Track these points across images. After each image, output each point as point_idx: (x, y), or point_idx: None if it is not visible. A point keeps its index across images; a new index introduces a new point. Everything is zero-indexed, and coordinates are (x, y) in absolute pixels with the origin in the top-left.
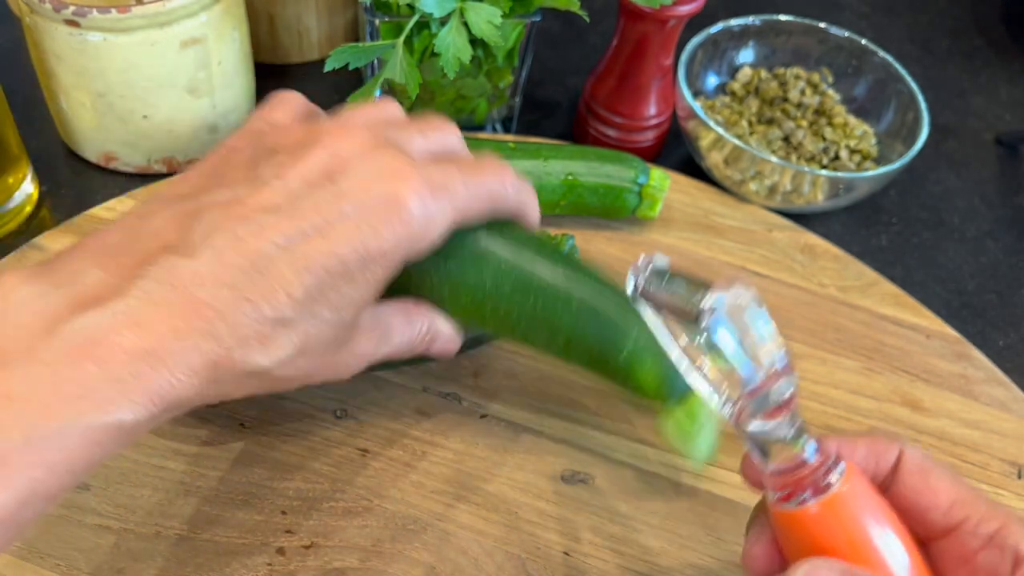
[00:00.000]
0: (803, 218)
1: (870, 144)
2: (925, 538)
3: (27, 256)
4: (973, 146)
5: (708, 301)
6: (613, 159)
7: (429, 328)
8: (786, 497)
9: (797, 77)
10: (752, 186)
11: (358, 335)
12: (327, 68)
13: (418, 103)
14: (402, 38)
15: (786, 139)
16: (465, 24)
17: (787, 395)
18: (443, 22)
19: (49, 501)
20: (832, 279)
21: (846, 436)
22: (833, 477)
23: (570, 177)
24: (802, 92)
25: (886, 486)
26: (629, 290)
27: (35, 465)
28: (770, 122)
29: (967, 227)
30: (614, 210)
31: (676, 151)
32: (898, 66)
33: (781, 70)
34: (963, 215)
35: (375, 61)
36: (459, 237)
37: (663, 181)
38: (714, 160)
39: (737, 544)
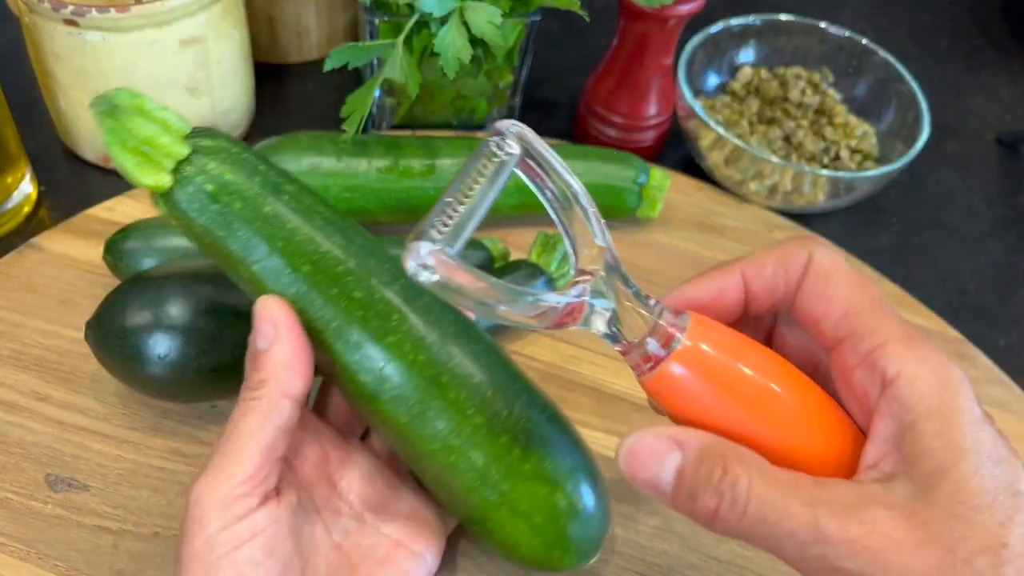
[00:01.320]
0: (804, 218)
1: (871, 144)
2: (825, 351)
3: (26, 256)
4: (974, 146)
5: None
6: (613, 159)
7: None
8: (637, 367)
9: (798, 77)
10: (752, 186)
11: None
12: (326, 68)
13: (418, 103)
14: (402, 38)
15: (787, 139)
16: (465, 24)
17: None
18: (443, 22)
19: None
20: None
21: (754, 256)
22: (676, 337)
23: None
24: (803, 92)
25: (791, 299)
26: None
27: None
28: (771, 122)
29: (967, 227)
30: (614, 210)
31: (676, 151)
32: (899, 66)
33: (781, 70)
34: (963, 215)
35: (375, 61)
36: None
37: (663, 181)
38: (714, 160)
39: (737, 544)
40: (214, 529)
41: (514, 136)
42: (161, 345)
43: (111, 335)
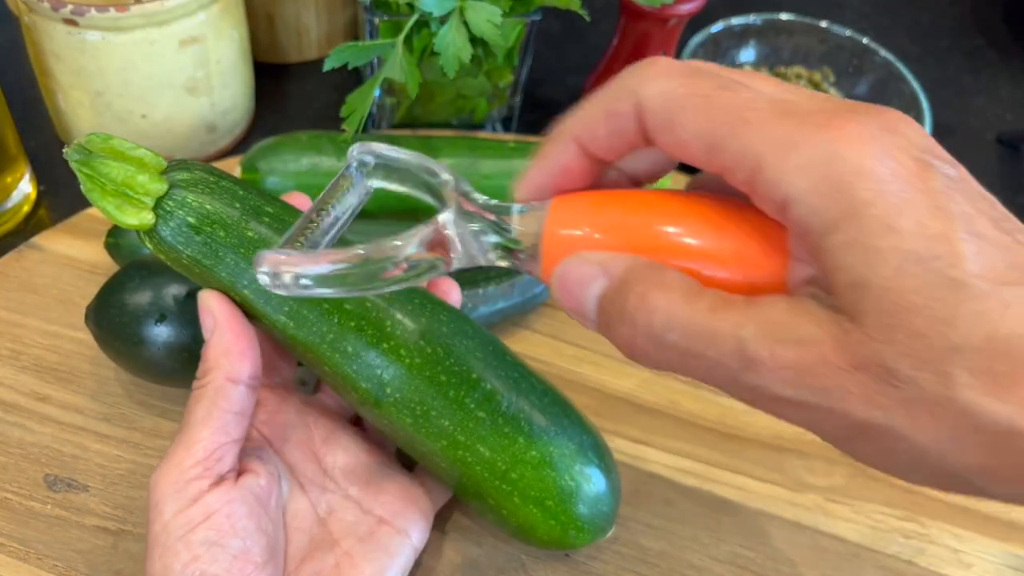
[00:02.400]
0: None
1: None
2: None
3: (25, 256)
4: (974, 145)
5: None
6: None
7: None
8: (534, 272)
9: (798, 76)
10: None
11: None
12: (326, 67)
13: (418, 102)
14: (402, 37)
15: None
16: (465, 23)
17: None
18: (443, 21)
19: None
20: None
21: (581, 115)
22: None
23: None
24: None
25: (649, 143)
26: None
27: None
28: None
29: None
30: None
31: None
32: (899, 65)
33: (782, 69)
34: None
35: (375, 60)
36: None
37: (663, 181)
38: None
39: (738, 544)
40: (170, 514)
41: (361, 154)
42: (161, 328)
43: (111, 318)
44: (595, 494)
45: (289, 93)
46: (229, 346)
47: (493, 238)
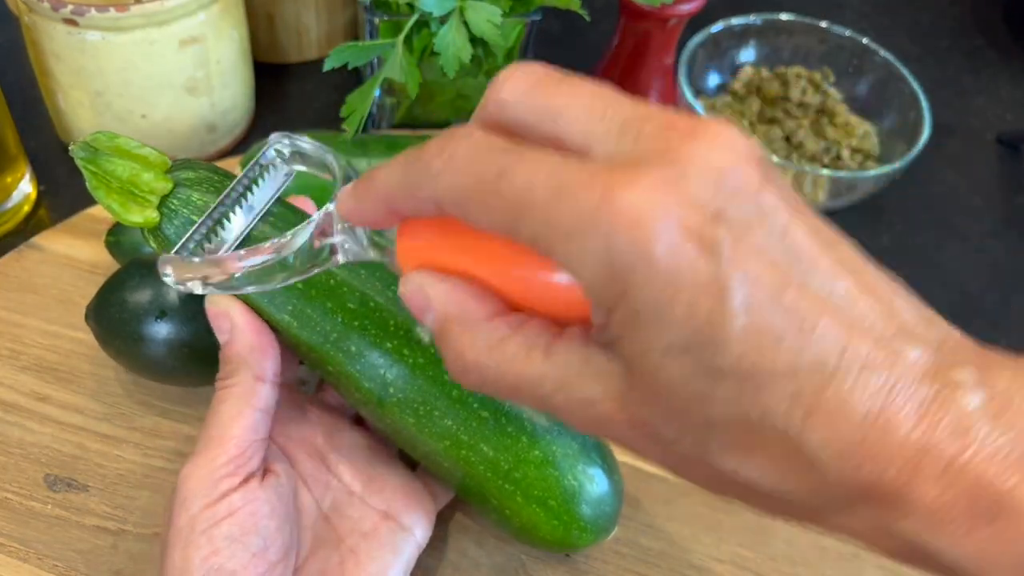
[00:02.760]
0: None
1: (871, 143)
2: None
3: (25, 256)
4: (974, 146)
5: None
6: None
7: None
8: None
9: (798, 76)
10: None
11: None
12: (326, 67)
13: (418, 102)
14: (402, 37)
15: (787, 138)
16: (465, 23)
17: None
18: (443, 21)
19: None
20: None
21: (379, 186)
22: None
23: None
24: (803, 91)
25: None
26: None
27: None
28: (771, 121)
29: (969, 227)
30: None
31: None
32: (899, 65)
33: (782, 69)
34: (965, 215)
35: (375, 60)
36: None
37: None
38: None
39: (738, 544)
40: (197, 508)
41: (281, 144)
42: (161, 324)
43: (112, 316)
44: (598, 494)
45: (289, 93)
46: (253, 345)
47: (368, 233)
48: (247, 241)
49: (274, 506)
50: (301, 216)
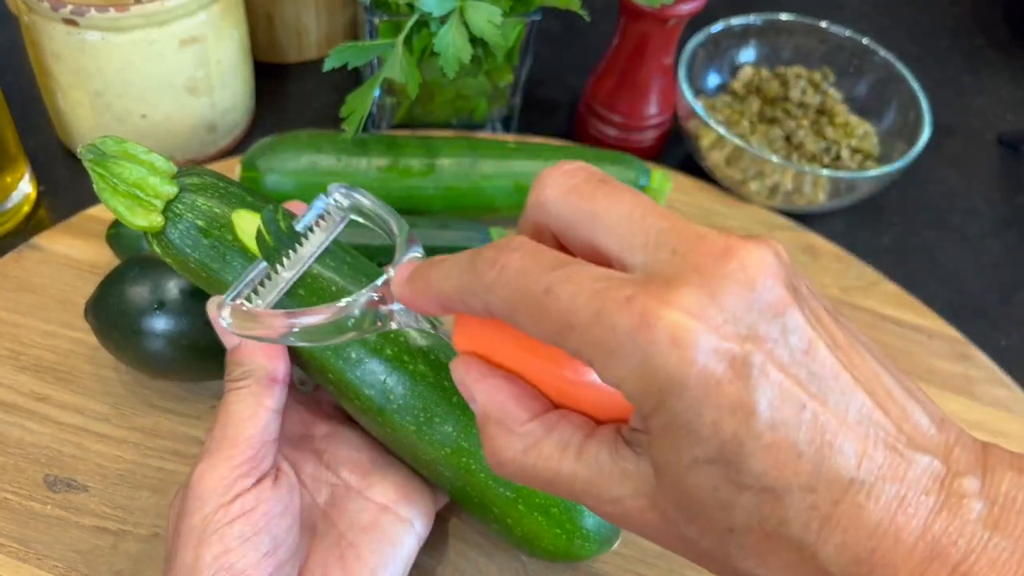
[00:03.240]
0: (804, 218)
1: (871, 143)
2: None
3: (25, 256)
4: (974, 146)
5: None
6: (613, 160)
7: None
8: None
9: (798, 76)
10: (753, 186)
11: None
12: (326, 67)
13: (418, 102)
14: (401, 37)
15: (787, 138)
16: (465, 23)
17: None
18: (443, 21)
19: None
20: (834, 279)
21: (435, 283)
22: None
23: None
24: (803, 91)
25: None
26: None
27: None
28: (771, 121)
29: (969, 227)
30: None
31: (677, 151)
32: (899, 65)
33: (782, 69)
34: (964, 215)
35: (374, 60)
36: None
37: (664, 183)
38: (715, 160)
39: None
40: (211, 508)
41: (342, 197)
42: (160, 316)
43: (111, 308)
44: None
45: (289, 93)
46: (265, 347)
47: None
48: (301, 283)
49: (286, 506)
50: (354, 257)
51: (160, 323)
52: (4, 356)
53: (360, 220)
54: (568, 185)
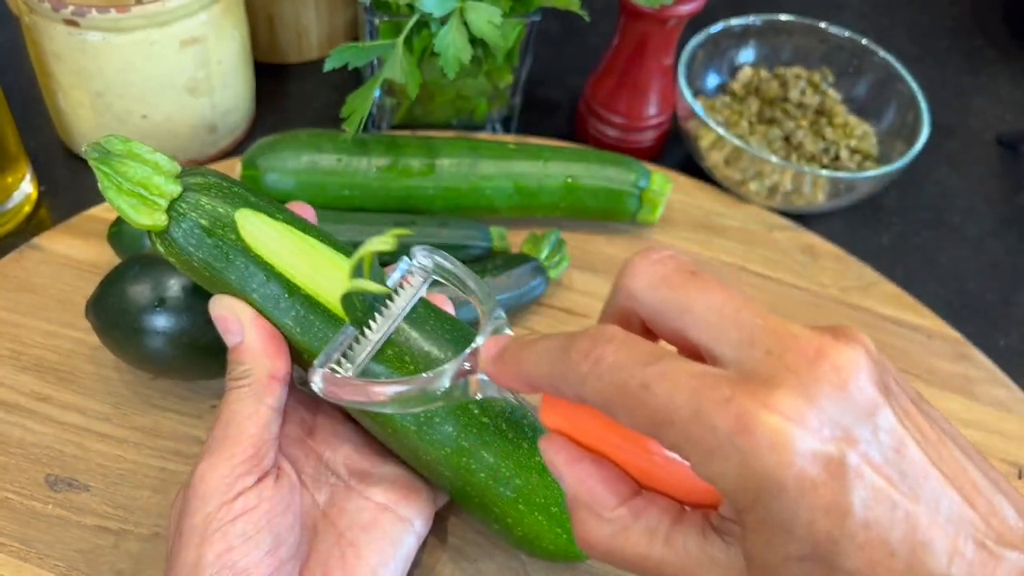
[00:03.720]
0: (804, 218)
1: (871, 144)
2: None
3: (25, 256)
4: (974, 146)
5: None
6: (614, 162)
7: None
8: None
9: (798, 77)
10: (752, 186)
11: None
12: (327, 68)
13: (418, 103)
14: (402, 38)
15: (786, 139)
16: (465, 24)
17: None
18: (443, 22)
19: None
20: (833, 279)
21: (529, 375)
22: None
23: (570, 180)
24: (803, 92)
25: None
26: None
27: None
28: (771, 122)
29: (968, 227)
30: (614, 213)
31: (676, 151)
32: (899, 66)
33: (782, 70)
34: (964, 215)
35: (375, 61)
36: None
37: (664, 185)
38: (714, 160)
39: None
40: (214, 506)
41: (425, 259)
42: (161, 313)
43: (111, 306)
44: None
45: (289, 93)
46: (266, 345)
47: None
48: (390, 344)
49: (287, 504)
50: (438, 314)
51: (161, 321)
52: (5, 356)
53: (442, 281)
54: (659, 275)
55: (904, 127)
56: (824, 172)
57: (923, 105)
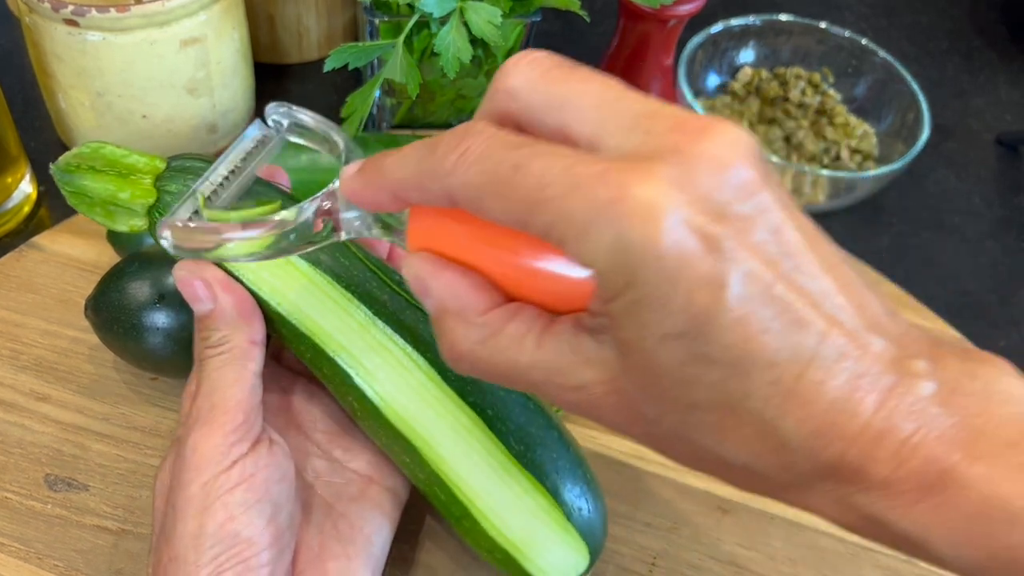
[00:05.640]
0: None
1: (871, 144)
2: None
3: (25, 256)
4: (973, 146)
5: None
6: None
7: None
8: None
9: (798, 77)
10: None
11: None
12: (327, 68)
13: (418, 103)
14: (402, 38)
15: (787, 139)
16: (465, 24)
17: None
18: (443, 22)
19: None
20: None
21: (388, 172)
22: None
23: None
24: (803, 92)
25: None
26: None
27: None
28: (771, 122)
29: (968, 227)
30: None
31: None
32: (899, 66)
33: (782, 70)
34: (964, 215)
35: (375, 61)
36: None
37: None
38: None
39: (737, 545)
40: (210, 475)
41: (279, 114)
42: (160, 309)
43: (111, 303)
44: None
45: (290, 94)
46: (241, 309)
47: (374, 214)
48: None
49: (284, 471)
50: (281, 195)
51: (160, 317)
52: (5, 355)
53: (301, 142)
54: (538, 71)
55: (904, 127)
56: (824, 172)
57: (923, 105)
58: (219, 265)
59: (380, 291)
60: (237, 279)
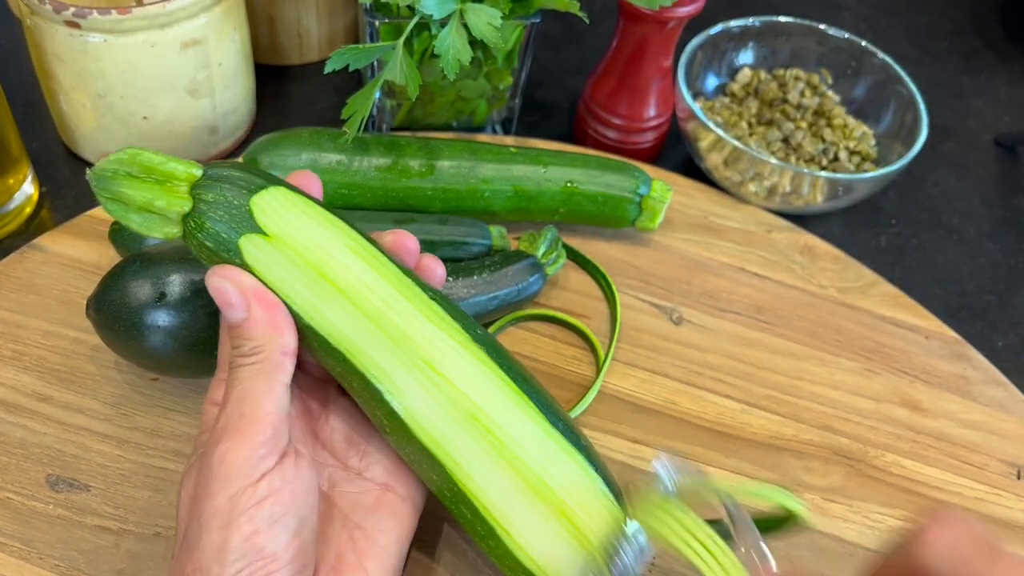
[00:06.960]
0: (802, 219)
1: (869, 145)
2: None
3: (27, 257)
4: (972, 147)
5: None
6: (614, 168)
7: None
8: None
9: (796, 78)
10: (751, 187)
11: None
12: (327, 70)
13: (418, 104)
14: (402, 39)
15: (785, 140)
16: (465, 25)
17: None
18: (443, 24)
19: None
20: (831, 280)
21: None
22: None
23: (569, 184)
24: (801, 93)
25: None
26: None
27: None
28: (769, 123)
29: (966, 228)
30: (614, 220)
31: (676, 152)
32: (897, 67)
33: (780, 71)
34: (962, 216)
35: (375, 62)
36: None
37: (665, 192)
38: (714, 161)
39: None
40: (237, 488)
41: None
42: (162, 307)
43: (112, 301)
44: None
45: (290, 95)
46: (274, 319)
47: None
48: None
49: (309, 485)
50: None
51: (162, 316)
52: (7, 356)
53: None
54: (959, 551)
55: (903, 128)
56: (823, 173)
57: (922, 107)
58: (253, 274)
59: (413, 307)
60: (270, 289)
